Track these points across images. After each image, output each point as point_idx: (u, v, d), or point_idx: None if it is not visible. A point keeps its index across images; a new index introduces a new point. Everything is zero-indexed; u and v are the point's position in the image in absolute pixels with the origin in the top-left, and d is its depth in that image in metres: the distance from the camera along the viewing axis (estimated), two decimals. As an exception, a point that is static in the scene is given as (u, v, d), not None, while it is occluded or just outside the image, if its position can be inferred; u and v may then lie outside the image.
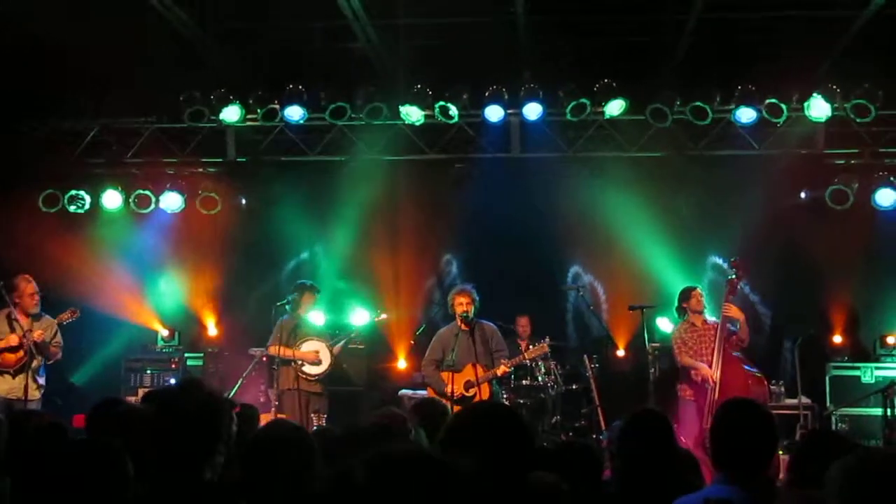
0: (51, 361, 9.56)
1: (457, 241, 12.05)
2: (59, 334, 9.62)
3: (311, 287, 10.25)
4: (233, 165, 11.61)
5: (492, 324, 9.79)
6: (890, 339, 11.13)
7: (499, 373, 9.41)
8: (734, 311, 9.17)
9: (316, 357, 9.94)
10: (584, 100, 10.50)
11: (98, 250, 11.46)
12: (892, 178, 10.77)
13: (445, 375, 9.40)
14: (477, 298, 9.54)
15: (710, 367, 9.04)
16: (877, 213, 10.82)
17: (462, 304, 9.51)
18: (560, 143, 11.19)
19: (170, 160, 11.61)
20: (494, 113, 10.66)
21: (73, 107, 11.21)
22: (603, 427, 9.49)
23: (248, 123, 11.15)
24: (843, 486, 2.67)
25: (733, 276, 9.29)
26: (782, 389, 10.29)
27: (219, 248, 11.88)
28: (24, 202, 11.14)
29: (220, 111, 10.83)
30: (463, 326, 9.51)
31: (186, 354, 11.65)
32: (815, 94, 10.22)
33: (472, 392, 9.35)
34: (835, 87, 10.25)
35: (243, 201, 11.90)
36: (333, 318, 11.14)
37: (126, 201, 11.46)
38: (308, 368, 9.94)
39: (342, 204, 11.57)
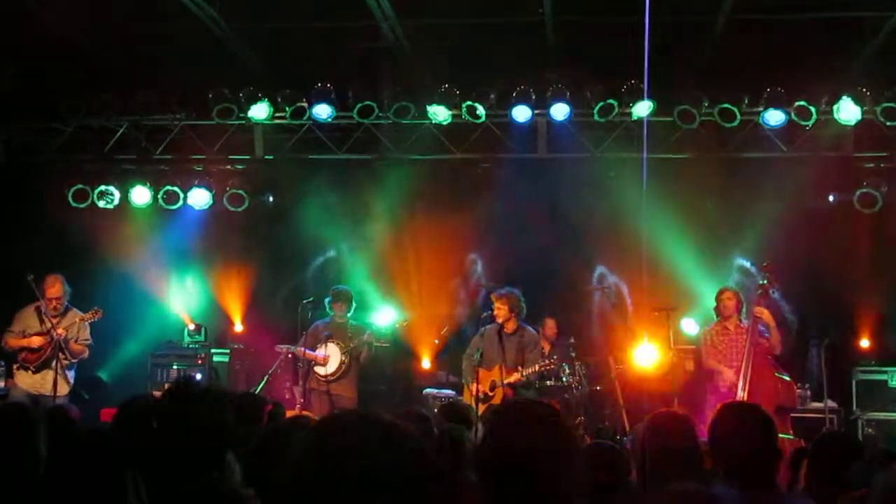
0: (76, 360, 9.60)
1: (482, 240, 12.04)
2: (86, 330, 9.65)
3: (334, 292, 10.25)
4: (260, 163, 11.68)
5: (535, 332, 9.79)
6: (918, 344, 11.04)
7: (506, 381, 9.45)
8: (766, 316, 9.05)
9: (324, 360, 9.98)
10: (611, 101, 10.50)
11: (126, 245, 11.54)
12: (921, 182, 10.69)
13: (481, 371, 9.45)
14: (519, 304, 9.55)
15: (740, 371, 8.95)
16: (905, 217, 10.74)
17: (494, 307, 9.55)
18: (587, 144, 11.16)
19: (198, 157, 11.68)
20: (521, 113, 10.67)
21: (102, 103, 11.31)
22: (627, 428, 9.47)
23: (276, 121, 11.22)
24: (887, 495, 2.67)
25: (765, 282, 9.20)
26: (808, 393, 10.23)
27: (246, 245, 11.97)
28: (54, 197, 11.28)
29: (248, 109, 10.92)
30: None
31: (213, 350, 11.68)
32: (844, 97, 10.16)
33: (493, 392, 9.45)
34: (864, 89, 10.20)
35: (270, 199, 11.97)
36: (358, 317, 11.15)
37: (154, 197, 11.54)
38: (318, 369, 10.04)
39: (368, 202, 11.62)
